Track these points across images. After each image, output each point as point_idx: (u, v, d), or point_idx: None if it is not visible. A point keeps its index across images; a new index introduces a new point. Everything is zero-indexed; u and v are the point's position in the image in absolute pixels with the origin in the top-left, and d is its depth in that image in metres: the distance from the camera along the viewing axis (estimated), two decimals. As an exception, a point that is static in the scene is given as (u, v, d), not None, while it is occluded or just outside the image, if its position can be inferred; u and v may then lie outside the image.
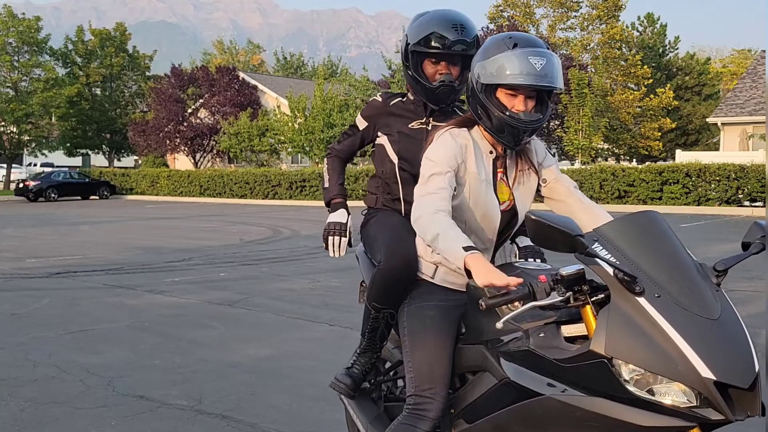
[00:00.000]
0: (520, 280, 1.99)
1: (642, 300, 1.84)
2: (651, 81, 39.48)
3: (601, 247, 1.94)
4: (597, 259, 1.89)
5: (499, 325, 1.98)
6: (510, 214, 2.43)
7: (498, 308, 2.11)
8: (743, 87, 29.72)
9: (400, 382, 2.93)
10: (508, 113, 2.25)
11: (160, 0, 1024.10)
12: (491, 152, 2.40)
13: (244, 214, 22.19)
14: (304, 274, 9.47)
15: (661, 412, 1.79)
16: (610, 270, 1.87)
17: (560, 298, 1.93)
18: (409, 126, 2.80)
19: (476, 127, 2.41)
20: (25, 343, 5.77)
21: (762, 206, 19.71)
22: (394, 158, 2.81)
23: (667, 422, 1.79)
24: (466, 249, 2.08)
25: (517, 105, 2.25)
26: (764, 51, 31.70)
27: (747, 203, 20.52)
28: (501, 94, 2.26)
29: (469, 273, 2.07)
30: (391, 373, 2.93)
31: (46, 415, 4.09)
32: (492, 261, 2.50)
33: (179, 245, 13.14)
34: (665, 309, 1.82)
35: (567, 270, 1.93)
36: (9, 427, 3.90)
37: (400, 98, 2.87)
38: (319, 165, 31.84)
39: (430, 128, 2.75)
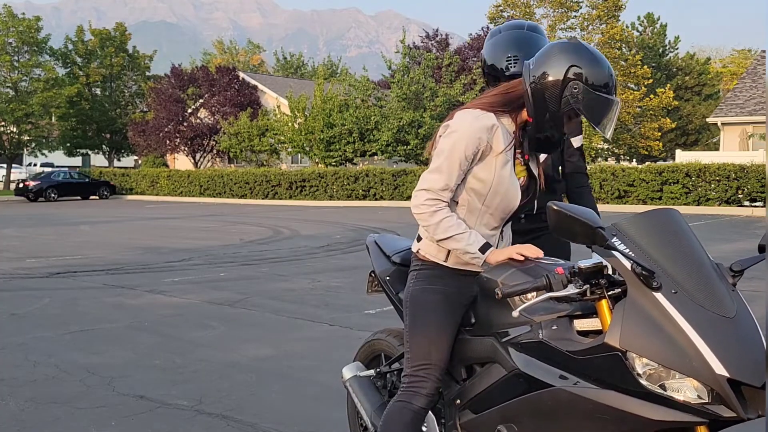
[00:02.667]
0: (541, 252, 2.23)
1: (659, 295, 1.85)
2: (651, 81, 39.47)
3: (619, 242, 1.95)
4: (615, 253, 1.90)
5: (515, 313, 1.99)
6: (525, 189, 2.46)
7: (511, 300, 2.12)
8: (743, 87, 29.71)
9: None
10: (566, 136, 2.41)
11: (160, 0, 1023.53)
12: (513, 132, 2.38)
13: (244, 214, 22.18)
14: (304, 274, 9.47)
15: (672, 407, 1.80)
16: (628, 264, 1.88)
17: (577, 290, 1.93)
18: None
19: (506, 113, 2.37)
20: (25, 343, 5.77)
21: (762, 206, 19.70)
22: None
23: (678, 417, 1.79)
24: (483, 250, 2.28)
25: (567, 127, 2.35)
26: (764, 51, 31.70)
27: (747, 203, 20.50)
28: (566, 115, 2.27)
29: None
30: (396, 365, 2.93)
31: (46, 415, 4.09)
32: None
33: (179, 245, 13.14)
34: (682, 305, 1.83)
35: (585, 263, 1.95)
36: (9, 427, 3.90)
37: None
38: (319, 165, 31.85)
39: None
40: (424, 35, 37.88)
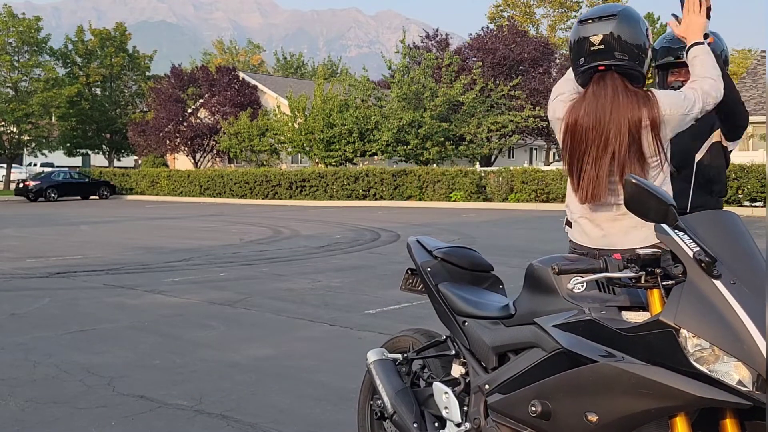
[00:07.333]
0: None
1: (718, 283, 1.88)
2: (652, 81, 39.47)
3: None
4: (678, 239, 1.94)
5: (569, 285, 2.07)
6: None
7: (559, 286, 2.19)
8: (743, 87, 29.69)
9: (426, 369, 3.00)
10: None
11: (160, 0, 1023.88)
12: None
13: (244, 214, 22.18)
14: (304, 274, 9.47)
15: (718, 387, 1.82)
16: (690, 251, 1.91)
17: (633, 274, 1.98)
18: None
19: None
20: (25, 343, 5.77)
21: (762, 206, 19.70)
22: None
23: (723, 396, 1.81)
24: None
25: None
26: (764, 51, 31.69)
27: (747, 203, 20.51)
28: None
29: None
30: (426, 352, 2.99)
31: (46, 415, 4.09)
32: None
33: (179, 245, 13.14)
34: (739, 295, 1.86)
35: (644, 250, 1.99)
36: (9, 427, 3.90)
37: None
38: (319, 165, 31.84)
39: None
40: (424, 35, 37.88)
